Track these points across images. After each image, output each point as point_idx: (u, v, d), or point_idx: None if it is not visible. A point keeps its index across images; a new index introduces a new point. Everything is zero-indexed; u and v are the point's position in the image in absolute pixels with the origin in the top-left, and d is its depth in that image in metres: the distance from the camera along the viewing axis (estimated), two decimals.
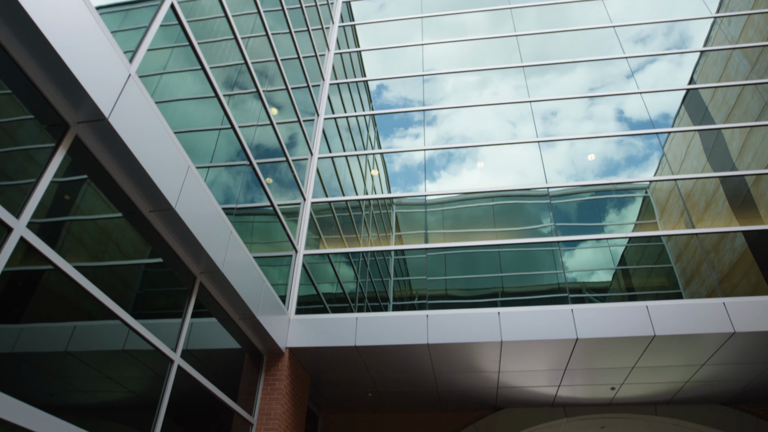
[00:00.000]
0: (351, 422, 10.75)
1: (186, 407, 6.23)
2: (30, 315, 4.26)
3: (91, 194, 4.91)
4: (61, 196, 4.50)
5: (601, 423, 10.68)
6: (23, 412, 3.64)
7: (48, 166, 4.09)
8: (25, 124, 3.95)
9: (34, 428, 3.73)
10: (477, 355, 8.07)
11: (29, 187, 3.94)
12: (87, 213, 4.81)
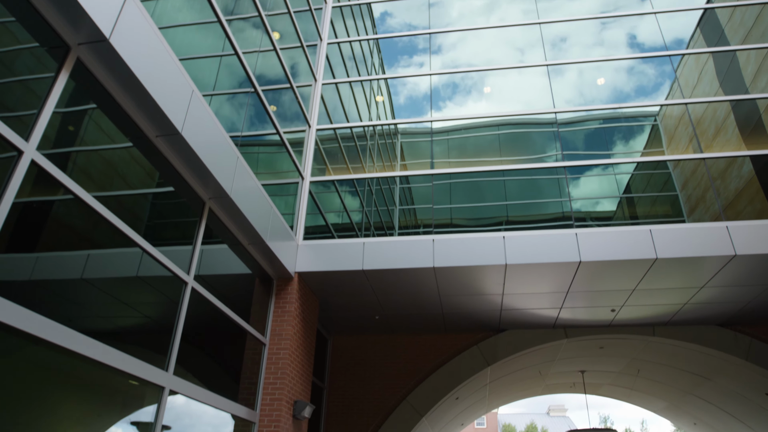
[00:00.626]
0: (359, 344, 11.19)
1: (201, 330, 6.50)
2: (45, 244, 4.38)
3: (95, 126, 4.91)
4: (66, 126, 4.51)
5: (600, 344, 11.07)
6: (54, 330, 3.82)
7: (52, 89, 4.07)
8: (27, 54, 3.90)
9: (67, 345, 3.93)
10: (481, 278, 8.27)
11: (34, 117, 3.94)
12: (93, 143, 4.83)
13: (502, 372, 11.46)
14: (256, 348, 7.69)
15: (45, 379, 4.38)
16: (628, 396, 15.66)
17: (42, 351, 4.23)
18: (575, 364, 12.67)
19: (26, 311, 3.65)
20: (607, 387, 15.00)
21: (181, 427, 5.83)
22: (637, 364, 12.36)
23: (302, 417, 7.78)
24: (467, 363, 10.53)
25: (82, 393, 4.84)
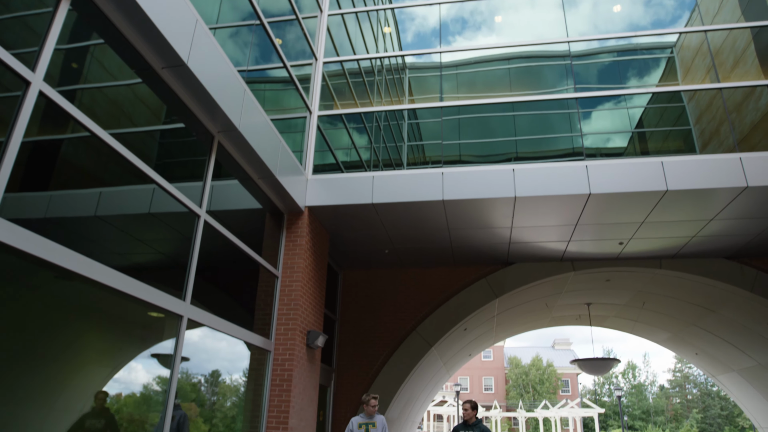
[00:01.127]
0: (369, 278, 11.42)
1: (215, 265, 6.64)
2: (57, 182, 4.42)
3: (99, 65, 4.84)
4: (69, 64, 4.44)
5: (607, 276, 11.22)
6: (76, 261, 3.92)
7: (54, 18, 3.99)
8: None
9: (89, 275, 4.04)
10: (490, 211, 8.31)
11: (38, 49, 3.88)
12: (98, 81, 4.78)
13: (510, 304, 11.71)
14: (269, 281, 7.88)
15: (69, 313, 4.55)
16: (632, 328, 16.02)
17: (66, 285, 4.37)
18: (581, 297, 12.91)
19: (50, 242, 3.74)
20: (612, 319, 15.33)
21: (198, 361, 6.06)
22: (642, 296, 12.56)
23: (315, 346, 8.06)
24: (475, 295, 10.75)
25: (104, 327, 5.03)
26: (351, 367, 10.72)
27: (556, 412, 45.06)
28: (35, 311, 4.18)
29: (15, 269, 3.93)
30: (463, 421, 7.17)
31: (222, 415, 6.96)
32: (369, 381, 10.55)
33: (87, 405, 4.59)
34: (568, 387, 58.49)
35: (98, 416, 4.16)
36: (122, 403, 4.87)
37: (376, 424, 6.89)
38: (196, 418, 6.23)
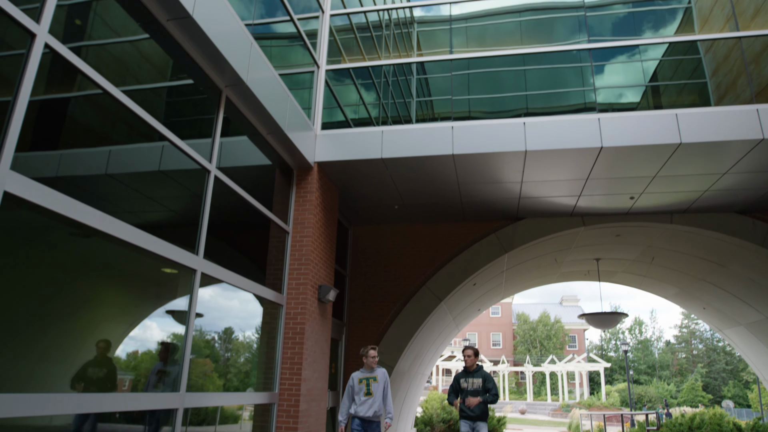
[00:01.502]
0: (379, 233, 11.49)
1: (225, 222, 6.69)
2: (66, 141, 4.42)
3: (102, 22, 4.76)
4: (73, 20, 4.37)
5: (617, 231, 11.20)
6: (91, 215, 3.96)
7: None
8: None
9: (106, 229, 4.09)
10: (501, 165, 8.25)
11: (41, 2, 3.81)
12: (102, 38, 4.71)
13: (519, 259, 11.76)
14: (280, 236, 7.95)
15: (85, 270, 4.63)
16: (640, 283, 16.10)
17: (82, 243, 4.43)
18: (591, 252, 12.94)
19: (66, 197, 3.77)
20: (621, 275, 15.40)
21: (211, 319, 6.17)
22: (652, 251, 12.56)
23: (327, 300, 8.19)
24: (485, 250, 10.80)
25: (120, 284, 5.12)
26: (362, 322, 10.91)
27: (562, 367, 45.92)
28: (52, 269, 4.26)
29: (32, 227, 3.99)
30: (464, 368, 6.87)
31: (236, 370, 7.14)
32: (379, 335, 10.75)
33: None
34: (575, 342, 59.38)
35: (100, 365, 4.22)
36: (139, 359, 4.99)
37: (377, 377, 6.57)
38: (211, 373, 6.40)
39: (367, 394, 6.40)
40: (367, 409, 6.34)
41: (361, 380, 6.55)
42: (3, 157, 3.34)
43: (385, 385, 6.54)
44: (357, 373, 6.69)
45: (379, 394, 6.43)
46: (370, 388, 6.44)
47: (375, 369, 6.63)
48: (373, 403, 6.37)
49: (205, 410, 6.15)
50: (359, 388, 6.51)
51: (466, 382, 6.65)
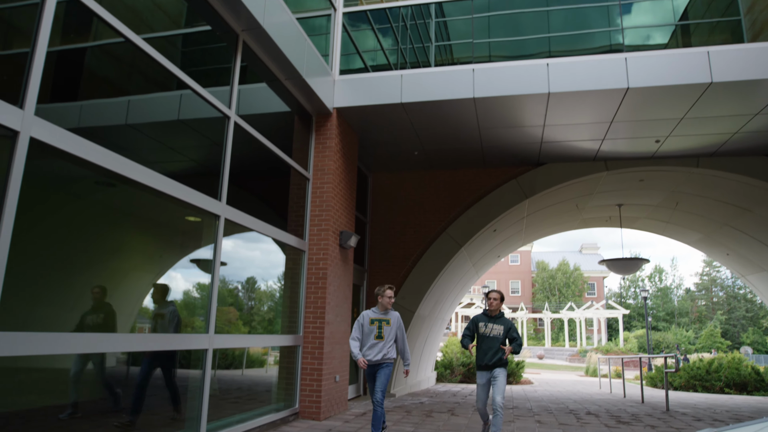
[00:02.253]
0: (399, 180, 11.46)
1: (246, 170, 6.70)
2: (85, 91, 4.41)
3: None
4: None
5: (641, 176, 11.01)
6: (120, 163, 4.01)
7: None
8: None
9: (132, 176, 4.15)
10: (523, 108, 8.08)
11: None
12: None
13: (540, 205, 11.69)
14: (301, 183, 7.98)
15: (112, 220, 4.72)
16: (663, 229, 15.94)
17: (108, 192, 4.50)
18: (613, 198, 12.78)
19: (92, 144, 3.81)
20: (643, 221, 15.24)
21: (233, 269, 6.27)
22: (676, 196, 12.37)
23: (348, 246, 8.29)
24: (505, 196, 10.74)
25: (146, 233, 5.22)
26: (382, 268, 11.05)
27: (580, 314, 46.33)
28: (79, 219, 4.35)
29: (59, 177, 4.05)
30: (485, 311, 6.08)
31: (260, 318, 7.33)
32: (400, 280, 10.90)
33: (134, 310, 4.89)
34: (593, 290, 59.63)
35: (97, 311, 4.09)
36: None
37: (390, 321, 5.92)
38: (236, 321, 6.57)
39: (377, 337, 5.85)
40: (376, 353, 5.77)
41: (373, 321, 5.93)
42: (27, 103, 3.37)
43: (398, 330, 5.96)
44: (369, 312, 6.05)
45: (390, 339, 5.86)
46: (381, 331, 5.87)
47: (389, 311, 5.99)
48: (383, 347, 5.79)
49: (232, 354, 6.38)
50: (369, 330, 5.89)
51: (486, 327, 5.81)
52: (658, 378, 17.45)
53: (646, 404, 10.66)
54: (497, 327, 5.79)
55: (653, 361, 24.95)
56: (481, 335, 5.86)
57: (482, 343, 5.83)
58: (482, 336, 5.83)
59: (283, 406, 7.13)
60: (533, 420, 7.95)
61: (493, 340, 5.74)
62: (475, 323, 5.98)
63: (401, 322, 6.04)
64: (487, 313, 5.99)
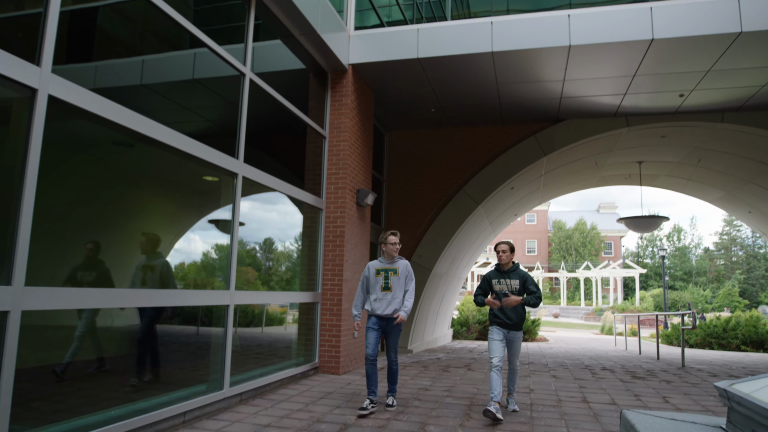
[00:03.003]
0: (415, 138, 11.36)
1: (262, 129, 6.67)
2: (99, 52, 4.37)
3: None
4: None
5: (662, 132, 10.78)
6: (135, 119, 4.01)
7: None
8: None
9: (150, 134, 4.15)
10: (542, 62, 7.88)
11: None
12: None
13: (558, 162, 11.54)
14: (317, 141, 7.95)
15: (132, 181, 4.75)
16: (684, 187, 15.69)
17: (129, 153, 4.52)
18: (633, 155, 12.56)
19: (112, 102, 3.81)
20: (664, 178, 15.00)
21: (251, 230, 6.32)
22: (698, 153, 12.11)
23: (365, 204, 8.29)
24: (523, 153, 10.61)
25: (165, 194, 5.25)
26: (399, 226, 11.07)
27: (597, 273, 46.34)
28: (99, 180, 4.39)
29: (79, 138, 4.07)
30: (496, 267, 5.44)
31: (278, 278, 7.42)
32: (417, 239, 10.94)
33: (156, 273, 4.96)
34: (610, 249, 59.40)
35: (89, 268, 3.92)
36: (186, 270, 5.21)
37: (398, 270, 5.36)
38: (254, 281, 6.66)
39: (385, 288, 5.29)
40: (386, 307, 5.26)
41: (379, 271, 5.38)
42: (43, 61, 3.35)
43: (408, 281, 5.40)
44: (374, 263, 5.49)
45: (400, 290, 5.32)
46: (388, 282, 5.30)
47: (396, 260, 5.43)
48: (393, 299, 5.27)
49: (251, 312, 6.50)
50: (375, 281, 5.37)
51: (500, 283, 5.27)
52: (674, 336, 17.50)
53: (662, 361, 10.73)
54: (512, 281, 5.22)
55: (669, 319, 24.99)
56: (496, 293, 5.28)
57: (496, 299, 5.28)
58: (497, 294, 5.25)
59: (303, 360, 7.30)
60: (549, 375, 8.06)
61: (507, 295, 5.19)
62: (488, 281, 5.40)
63: (411, 271, 5.48)
64: (498, 269, 5.37)
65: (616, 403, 5.83)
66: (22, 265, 3.07)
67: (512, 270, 5.31)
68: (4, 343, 2.95)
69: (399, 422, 4.72)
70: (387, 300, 5.28)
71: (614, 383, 7.34)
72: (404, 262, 5.45)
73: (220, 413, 4.95)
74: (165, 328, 4.99)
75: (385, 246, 5.41)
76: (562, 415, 5.15)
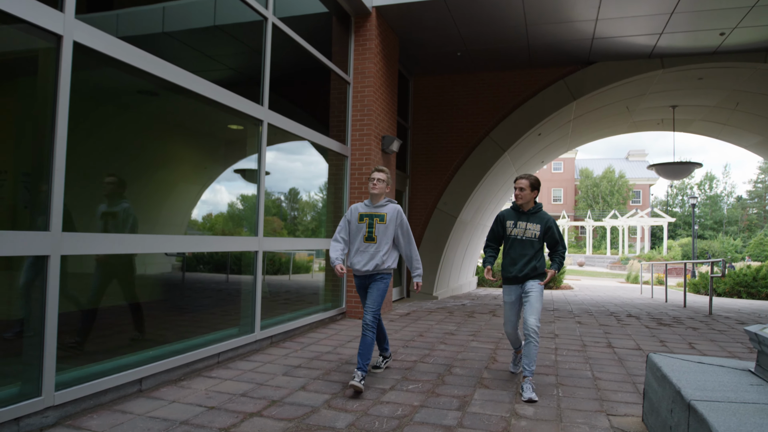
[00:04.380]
0: (440, 84, 11.12)
1: (286, 76, 6.58)
2: (119, 0, 4.30)
3: None
4: None
5: (700, 74, 10.33)
6: (163, 67, 3.98)
7: None
8: None
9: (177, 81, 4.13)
10: (574, 0, 7.53)
11: None
12: None
13: (588, 107, 11.21)
14: (341, 88, 7.84)
15: (158, 130, 4.77)
16: (719, 132, 15.14)
17: (155, 102, 4.51)
18: (667, 99, 12.11)
19: (132, 47, 3.78)
20: (698, 123, 14.48)
21: (275, 180, 6.32)
22: (736, 96, 11.61)
23: (390, 151, 8.23)
24: (551, 98, 10.32)
25: (190, 144, 5.27)
26: (424, 173, 11.01)
27: (624, 222, 45.75)
28: (126, 130, 4.41)
29: (105, 88, 4.07)
30: (513, 205, 4.32)
31: (303, 227, 7.49)
32: (442, 186, 10.88)
33: (185, 220, 5.03)
34: (639, 198, 58.38)
35: (111, 204, 3.85)
36: (213, 221, 5.28)
37: (385, 216, 4.27)
38: (280, 230, 6.73)
39: (368, 239, 4.26)
40: (366, 262, 4.24)
41: (362, 217, 4.31)
42: (66, 6, 3.31)
43: (398, 229, 4.32)
44: (358, 205, 4.43)
45: (386, 242, 4.25)
46: (372, 231, 4.25)
47: (383, 203, 4.33)
48: (376, 253, 4.23)
49: (279, 260, 6.61)
50: (357, 229, 4.32)
51: (516, 226, 4.20)
52: (701, 284, 17.35)
53: (689, 308, 10.69)
54: (533, 226, 4.14)
55: (698, 268, 24.72)
56: (509, 238, 4.21)
57: (511, 249, 4.20)
58: (512, 239, 4.19)
59: (331, 306, 7.46)
60: (574, 321, 8.11)
61: (526, 244, 4.13)
62: (501, 222, 4.28)
63: (403, 218, 4.35)
64: (517, 208, 4.24)
65: (641, 349, 5.86)
66: (59, 211, 3.14)
67: (534, 212, 4.18)
68: (47, 286, 3.07)
69: (425, 364, 4.83)
70: (369, 253, 4.23)
71: (639, 329, 7.36)
72: (394, 206, 4.33)
73: (252, 355, 5.12)
74: (197, 276, 5.13)
75: (371, 183, 4.31)
76: (586, 359, 5.20)
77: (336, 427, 3.11)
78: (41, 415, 3.02)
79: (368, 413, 3.38)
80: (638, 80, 10.23)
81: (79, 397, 3.26)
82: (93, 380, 3.39)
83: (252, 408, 3.45)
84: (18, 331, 3.14)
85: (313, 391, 3.89)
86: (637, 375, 4.57)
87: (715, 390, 2.53)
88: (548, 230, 4.16)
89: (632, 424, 3.26)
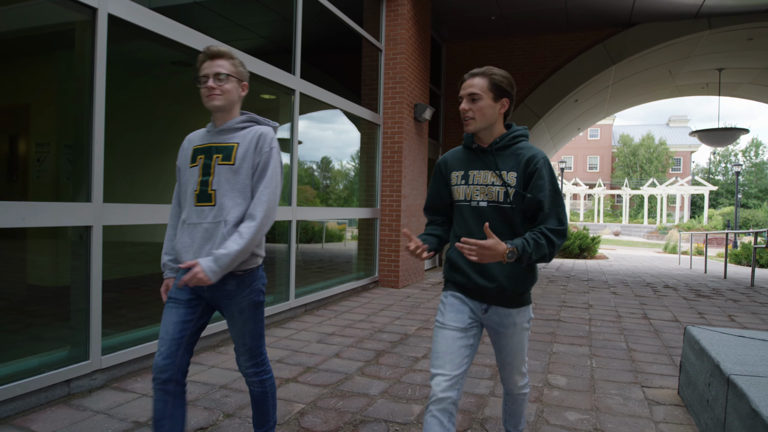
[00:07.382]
0: (474, 50, 10.86)
1: (317, 46, 6.51)
2: None
3: None
4: None
5: (750, 34, 9.80)
6: (195, 37, 3.99)
7: None
8: None
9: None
10: None
11: None
12: None
13: (628, 72, 10.81)
14: (373, 55, 7.73)
15: (194, 100, 4.79)
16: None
17: (188, 72, 4.53)
18: (713, 62, 11.57)
19: (166, 18, 3.79)
20: (746, 87, 13.83)
21: (308, 150, 6.32)
22: None
23: (423, 119, 8.14)
24: (589, 62, 9.97)
25: None
26: (458, 142, 10.85)
27: (663, 190, 44.47)
28: (162, 101, 4.45)
29: (139, 61, 4.10)
30: (465, 139, 2.03)
31: (336, 196, 7.51)
32: None
33: None
34: (679, 166, 56.57)
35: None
36: None
37: (234, 150, 1.94)
38: (313, 199, 6.78)
39: (201, 198, 2.00)
40: (201, 245, 1.98)
41: (197, 153, 2.08)
42: None
43: (257, 173, 1.98)
44: (195, 134, 2.24)
45: (238, 203, 1.98)
46: (209, 180, 2.00)
47: (235, 125, 2.09)
48: (217, 226, 1.96)
49: (312, 229, 6.68)
50: (188, 177, 2.09)
51: (469, 180, 1.95)
52: (743, 255, 16.82)
53: (729, 280, 10.41)
54: (499, 177, 1.88)
55: (740, 238, 23.96)
56: (458, 206, 2.00)
57: (462, 225, 1.96)
58: (462, 208, 1.97)
59: (364, 275, 7.53)
60: (608, 291, 8.01)
61: (490, 215, 1.88)
62: (443, 174, 2.09)
63: (272, 153, 2.01)
64: (470, 144, 2.03)
65: (679, 321, 5.76)
66: (99, 183, 3.22)
67: (502, 146, 1.94)
68: (90, 254, 3.18)
69: None
70: (203, 227, 1.99)
71: (677, 301, 7.22)
72: (257, 130, 2.05)
73: (287, 322, 5.24)
74: None
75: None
76: (621, 330, 5.15)
77: (369, 394, 3.17)
78: (90, 377, 3.16)
79: (401, 381, 3.43)
80: (683, 42, 9.79)
81: (124, 361, 3.40)
82: (137, 345, 3.52)
83: (288, 374, 3.54)
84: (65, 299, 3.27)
85: (347, 358, 3.96)
86: (674, 347, 4.50)
87: (756, 365, 2.47)
88: (531, 177, 1.85)
89: (667, 397, 3.23)
